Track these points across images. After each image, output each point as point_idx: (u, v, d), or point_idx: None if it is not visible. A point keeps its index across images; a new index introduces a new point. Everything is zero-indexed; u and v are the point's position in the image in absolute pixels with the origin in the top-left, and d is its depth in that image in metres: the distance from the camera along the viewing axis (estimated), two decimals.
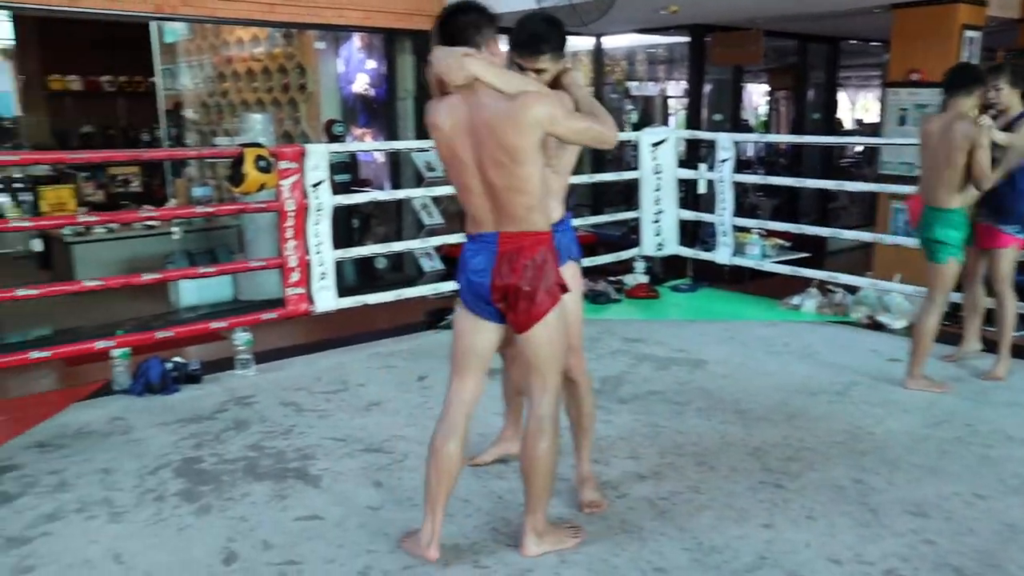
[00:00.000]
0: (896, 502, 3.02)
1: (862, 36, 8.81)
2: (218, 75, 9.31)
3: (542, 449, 2.55)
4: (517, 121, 2.34)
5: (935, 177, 4.03)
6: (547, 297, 2.50)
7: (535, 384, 2.59)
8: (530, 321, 2.51)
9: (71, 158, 4.89)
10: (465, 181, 2.47)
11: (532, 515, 2.64)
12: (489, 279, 2.47)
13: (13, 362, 3.99)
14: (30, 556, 2.67)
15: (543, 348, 2.54)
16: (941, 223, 4.02)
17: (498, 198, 2.44)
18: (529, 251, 2.46)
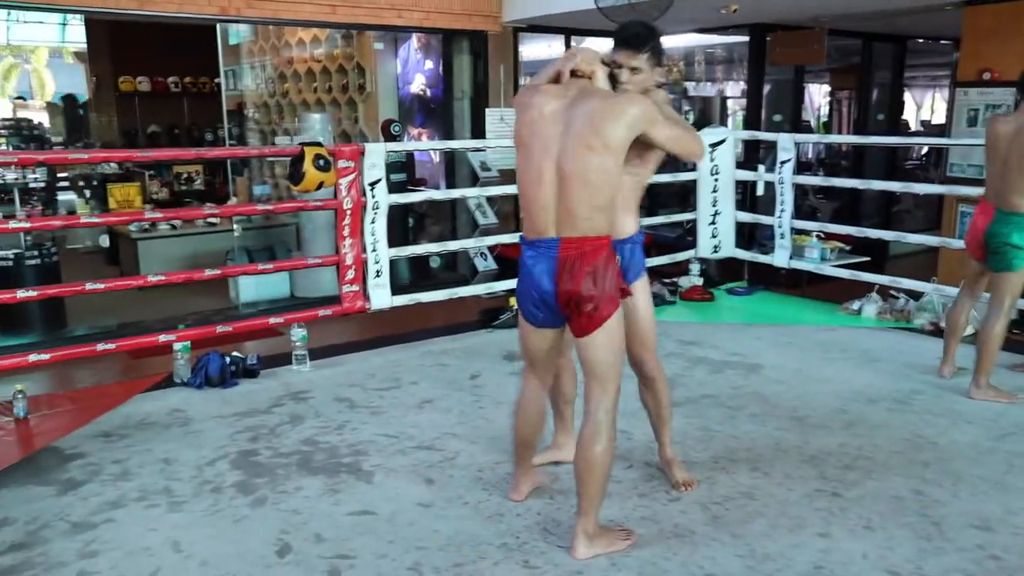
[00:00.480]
0: (960, 515, 2.92)
1: (930, 35, 8.56)
2: (279, 75, 9.50)
3: (597, 452, 2.56)
4: (618, 112, 2.45)
5: (1007, 180, 3.89)
6: (609, 303, 2.53)
7: (593, 388, 2.61)
8: (592, 326, 2.54)
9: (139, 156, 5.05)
10: (539, 167, 2.50)
11: (584, 517, 2.64)
12: (553, 287, 2.52)
13: (81, 353, 4.13)
14: (94, 541, 2.76)
15: (602, 352, 2.57)
16: (1015, 227, 3.87)
17: (566, 190, 2.46)
18: (591, 257, 2.49)
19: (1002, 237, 3.91)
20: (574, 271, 2.48)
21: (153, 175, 9.23)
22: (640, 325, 2.97)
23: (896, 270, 6.39)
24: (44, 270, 5.74)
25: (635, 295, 2.89)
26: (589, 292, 2.49)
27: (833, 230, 6.14)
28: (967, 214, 6.15)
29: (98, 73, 10.57)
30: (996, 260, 3.98)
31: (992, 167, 4.00)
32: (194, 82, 10.74)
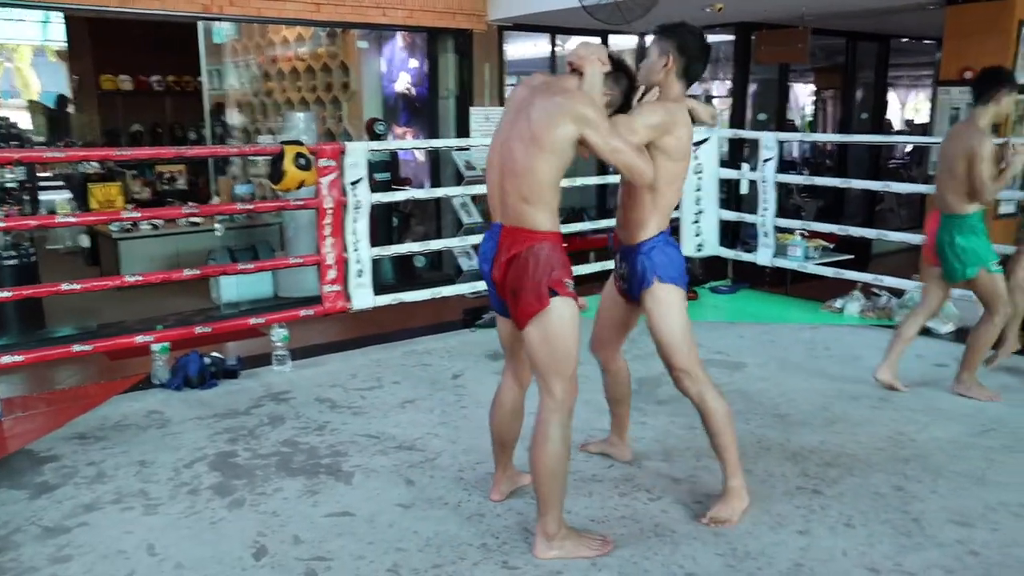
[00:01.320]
0: (939, 511, 2.92)
1: (913, 34, 8.60)
2: (263, 74, 9.44)
3: (545, 454, 2.54)
4: (561, 109, 2.43)
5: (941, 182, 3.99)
6: (533, 299, 2.49)
7: (540, 387, 2.61)
8: (521, 318, 2.54)
9: (117, 155, 4.97)
10: (491, 158, 2.60)
11: (542, 518, 2.62)
12: (490, 268, 2.59)
13: (57, 355, 4.08)
14: (67, 546, 2.72)
15: (535, 350, 2.55)
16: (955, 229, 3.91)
17: (505, 182, 2.51)
18: (517, 247, 2.50)
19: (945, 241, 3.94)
20: (504, 257, 2.52)
21: (135, 175, 9.13)
22: (658, 339, 2.84)
23: (879, 268, 6.42)
24: (22, 270, 5.66)
25: (649, 305, 2.82)
26: (512, 282, 2.50)
27: (816, 228, 6.15)
28: None
29: (79, 72, 10.46)
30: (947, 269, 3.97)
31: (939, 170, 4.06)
32: (177, 81, 10.64)
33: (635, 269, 2.85)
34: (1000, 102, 3.83)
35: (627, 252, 2.89)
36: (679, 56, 2.72)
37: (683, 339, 2.82)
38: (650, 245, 2.81)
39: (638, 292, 2.86)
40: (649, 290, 2.81)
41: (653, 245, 2.81)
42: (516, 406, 2.86)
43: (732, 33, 7.58)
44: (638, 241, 2.83)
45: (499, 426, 2.89)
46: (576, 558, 2.61)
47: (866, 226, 8.26)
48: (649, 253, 2.81)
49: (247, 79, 9.73)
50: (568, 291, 2.54)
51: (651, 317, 2.84)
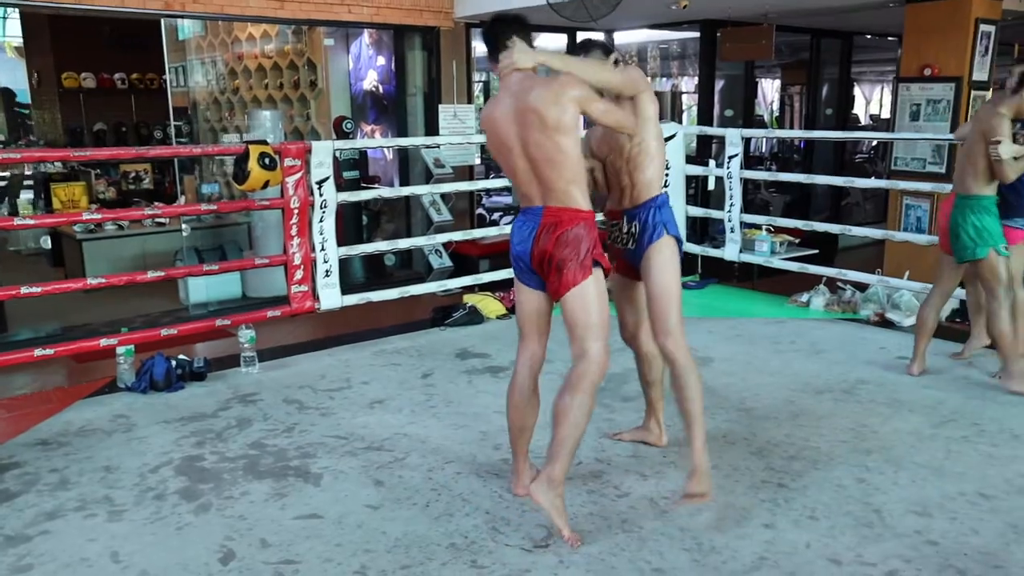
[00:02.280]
0: (899, 502, 2.98)
1: (876, 31, 8.72)
2: (229, 72, 9.34)
3: (565, 402, 2.70)
4: (558, 97, 2.64)
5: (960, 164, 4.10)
6: (579, 269, 2.70)
7: (573, 347, 2.76)
8: (561, 288, 2.72)
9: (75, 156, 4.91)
10: (513, 164, 2.77)
11: (552, 463, 2.70)
12: (530, 246, 2.75)
13: (18, 360, 4.02)
14: (28, 555, 2.68)
15: (576, 315, 2.73)
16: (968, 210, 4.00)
17: (541, 174, 2.71)
18: (567, 224, 2.70)
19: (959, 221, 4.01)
20: (551, 234, 2.71)
21: (100, 174, 9.02)
22: (650, 291, 2.99)
23: (845, 262, 6.50)
24: None
25: (654, 258, 2.97)
26: (560, 255, 2.69)
27: (782, 224, 6.23)
28: (911, 207, 6.30)
29: (39, 69, 10.27)
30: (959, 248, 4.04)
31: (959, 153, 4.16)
32: (142, 79, 10.49)
33: (647, 223, 3.01)
34: None
35: (635, 211, 3.04)
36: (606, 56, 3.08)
37: (678, 295, 2.99)
38: (662, 200, 3.03)
39: (647, 246, 3.00)
40: (658, 243, 2.98)
41: (664, 201, 3.04)
42: (535, 388, 2.94)
43: (698, 30, 7.63)
44: (650, 197, 3.02)
45: (520, 411, 2.93)
46: (551, 523, 2.72)
47: (833, 220, 8.41)
48: (661, 208, 3.01)
49: (213, 76, 9.61)
50: (607, 262, 2.81)
51: (654, 270, 2.98)
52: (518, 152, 2.73)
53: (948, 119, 5.96)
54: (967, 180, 4.01)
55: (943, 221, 4.14)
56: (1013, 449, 3.42)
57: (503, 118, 2.74)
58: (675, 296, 2.96)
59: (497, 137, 2.78)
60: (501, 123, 2.75)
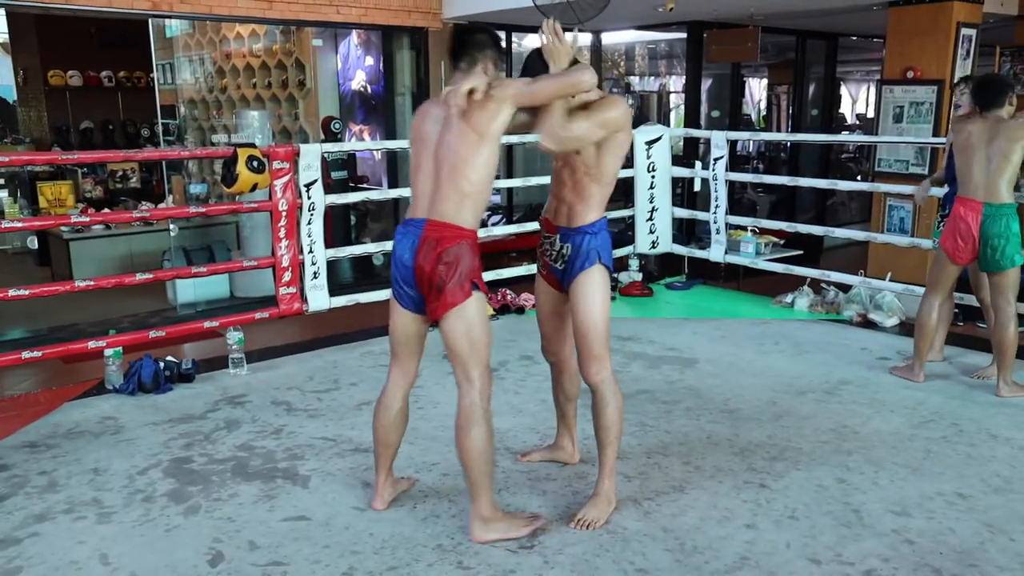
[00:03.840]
0: (879, 502, 3.04)
1: (861, 32, 8.80)
2: (217, 71, 9.32)
3: (471, 439, 2.68)
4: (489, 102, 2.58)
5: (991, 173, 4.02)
6: (459, 289, 2.63)
7: (458, 374, 2.73)
8: (439, 308, 2.66)
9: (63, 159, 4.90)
10: (420, 160, 2.71)
11: (475, 502, 2.74)
12: (412, 262, 2.66)
13: (6, 362, 4.02)
14: (17, 557, 2.70)
15: (456, 339, 2.68)
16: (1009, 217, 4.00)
17: (441, 179, 2.63)
18: (448, 241, 2.62)
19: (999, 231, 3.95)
20: (431, 251, 2.62)
21: (86, 173, 8.99)
22: (576, 320, 2.89)
23: (830, 263, 6.57)
24: None
25: (584, 286, 2.88)
26: (439, 275, 2.62)
27: (767, 225, 6.29)
28: (895, 208, 6.37)
29: (24, 66, 10.22)
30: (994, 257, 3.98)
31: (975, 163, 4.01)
32: (129, 76, 10.46)
33: (580, 250, 2.89)
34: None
35: (570, 234, 2.91)
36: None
37: (606, 325, 2.89)
38: (599, 226, 2.91)
39: (576, 273, 2.89)
40: (588, 271, 2.87)
41: (601, 227, 2.92)
42: (404, 406, 2.93)
43: (684, 32, 7.69)
44: (587, 223, 2.89)
45: (386, 428, 2.91)
46: (512, 538, 2.74)
47: (819, 220, 8.48)
48: (597, 235, 2.89)
49: (200, 75, 9.59)
50: (484, 286, 2.74)
51: (581, 300, 2.87)
52: (430, 150, 2.67)
53: (931, 121, 6.04)
54: (1001, 190, 3.95)
55: (971, 230, 4.00)
56: (991, 449, 3.49)
57: (433, 111, 2.70)
58: (601, 327, 2.86)
59: (418, 130, 2.72)
60: (429, 116, 2.70)
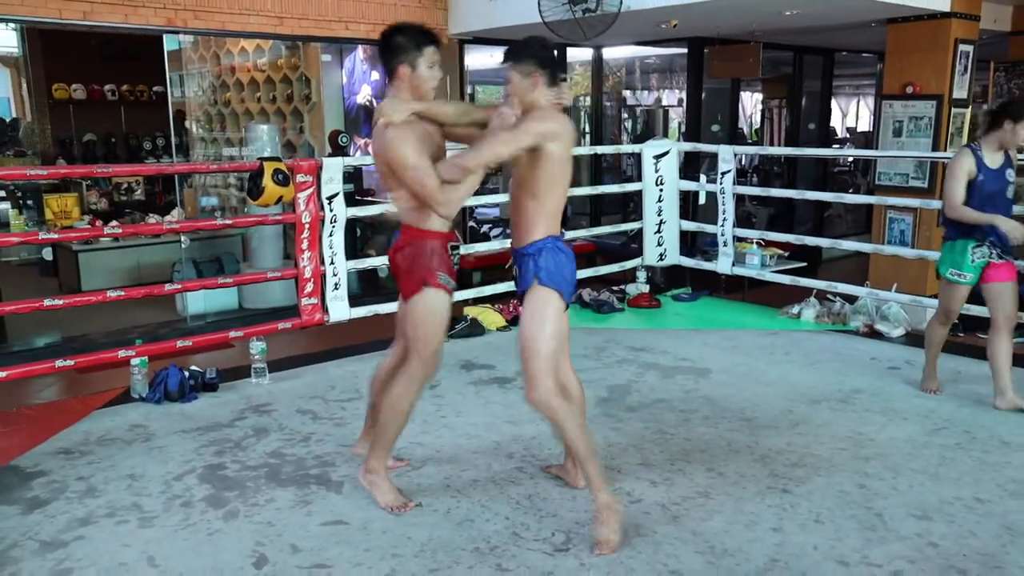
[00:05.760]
0: (900, 506, 3.13)
1: (857, 48, 8.98)
2: (221, 84, 9.39)
3: (390, 395, 3.03)
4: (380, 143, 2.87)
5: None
6: (410, 283, 2.97)
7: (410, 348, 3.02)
8: (404, 295, 3.02)
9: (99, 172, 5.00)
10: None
11: (371, 452, 3.13)
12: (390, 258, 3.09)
13: (40, 371, 4.08)
14: (67, 559, 2.76)
15: (405, 324, 3.06)
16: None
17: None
18: (407, 241, 2.98)
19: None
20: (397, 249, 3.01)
21: (91, 185, 9.01)
22: (521, 340, 2.88)
23: (829, 274, 6.69)
24: None
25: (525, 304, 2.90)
26: (399, 267, 3.00)
27: (773, 238, 6.40)
28: (895, 220, 6.50)
29: (31, 80, 10.25)
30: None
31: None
32: (131, 90, 10.52)
33: (522, 269, 2.92)
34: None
35: (517, 253, 2.97)
36: (542, 70, 2.85)
37: (544, 347, 2.83)
38: (537, 247, 2.88)
39: (522, 291, 2.93)
40: (529, 291, 2.88)
41: (540, 248, 2.88)
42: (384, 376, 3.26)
43: (685, 47, 7.82)
44: (529, 241, 2.90)
45: (374, 389, 3.33)
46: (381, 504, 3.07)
47: (816, 230, 8.62)
48: (536, 255, 2.88)
49: (205, 89, 9.66)
50: (438, 283, 2.95)
51: (522, 319, 2.91)
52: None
53: (930, 135, 6.18)
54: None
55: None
56: (1004, 455, 3.59)
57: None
58: (537, 348, 2.82)
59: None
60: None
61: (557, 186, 2.88)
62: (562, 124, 2.86)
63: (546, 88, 2.87)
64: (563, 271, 2.89)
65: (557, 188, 2.89)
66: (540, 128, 2.80)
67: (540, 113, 2.86)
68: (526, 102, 2.88)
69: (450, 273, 3.00)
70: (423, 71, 2.90)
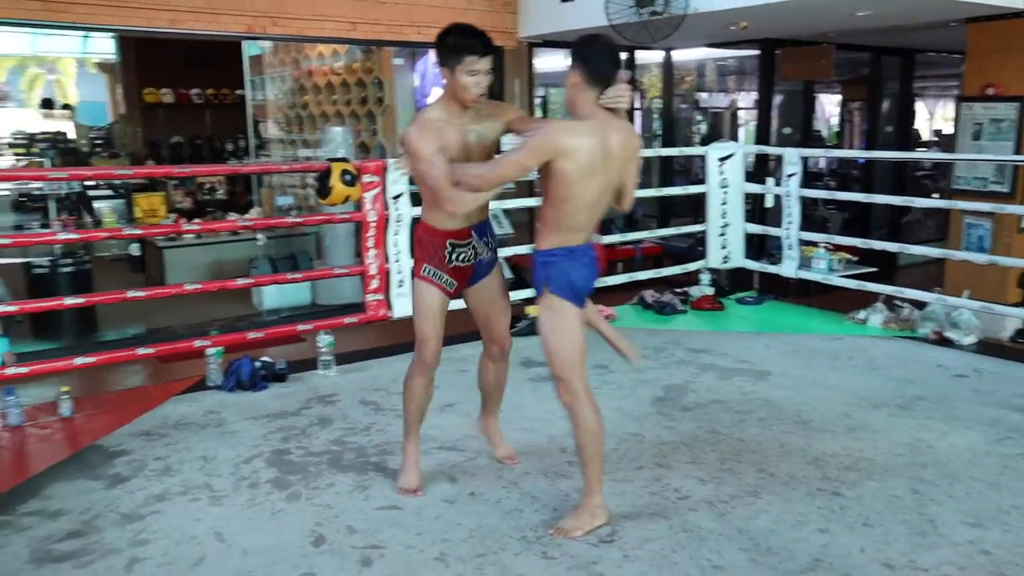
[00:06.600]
0: (954, 513, 3.09)
1: (938, 48, 8.72)
2: (299, 88, 9.75)
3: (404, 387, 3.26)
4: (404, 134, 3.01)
5: None
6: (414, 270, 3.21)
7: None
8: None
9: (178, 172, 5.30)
10: None
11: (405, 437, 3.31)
12: None
13: (123, 357, 4.38)
14: (144, 531, 2.98)
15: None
16: None
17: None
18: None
19: None
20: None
21: (177, 185, 9.49)
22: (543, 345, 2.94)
23: (905, 280, 6.55)
24: (78, 277, 5.98)
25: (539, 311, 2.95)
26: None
27: (840, 242, 6.30)
28: (973, 226, 6.32)
29: (124, 85, 10.86)
30: None
31: None
32: (216, 94, 11.01)
33: (534, 276, 2.96)
34: None
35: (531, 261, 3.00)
36: (581, 67, 2.76)
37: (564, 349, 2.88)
38: (544, 258, 2.88)
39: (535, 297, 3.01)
40: (540, 297, 2.92)
41: (547, 259, 2.87)
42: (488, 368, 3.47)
43: (756, 49, 7.75)
44: (538, 250, 2.92)
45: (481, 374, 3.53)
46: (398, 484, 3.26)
47: (892, 237, 8.38)
48: (543, 265, 2.89)
49: (283, 92, 10.04)
50: (420, 275, 3.15)
51: (539, 324, 2.95)
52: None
53: (1012, 138, 5.99)
54: None
55: None
56: None
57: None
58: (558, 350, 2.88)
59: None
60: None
61: (569, 201, 2.78)
62: (581, 137, 2.71)
63: (588, 89, 2.76)
64: (571, 280, 2.86)
65: (569, 203, 2.78)
66: (546, 145, 2.71)
67: (554, 125, 2.87)
68: (569, 101, 2.86)
69: (444, 269, 3.11)
70: (461, 79, 2.90)
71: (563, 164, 2.71)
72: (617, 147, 2.80)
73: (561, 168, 2.72)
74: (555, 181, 2.75)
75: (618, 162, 2.83)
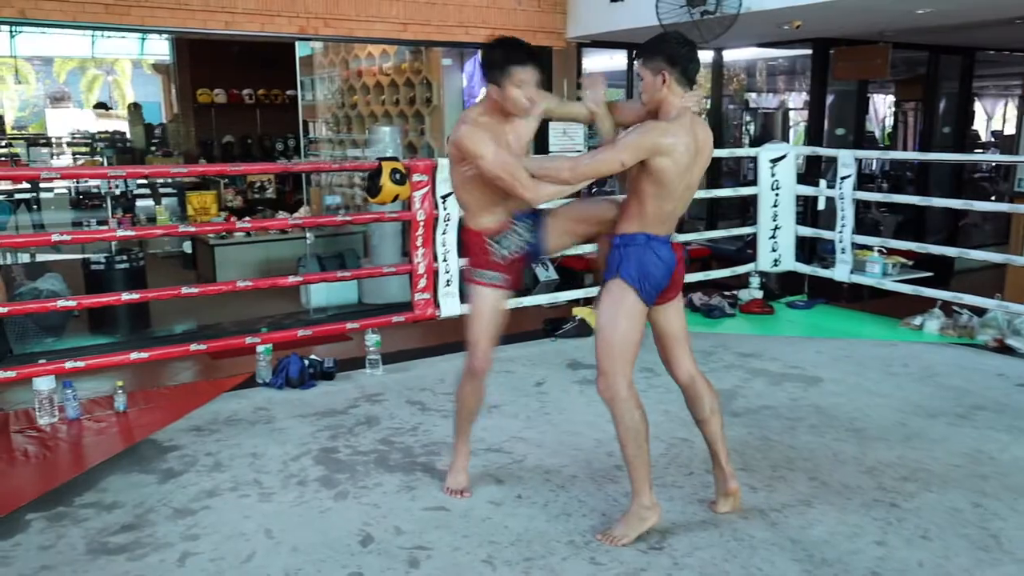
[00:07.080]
0: (1019, 529, 2.98)
1: (1001, 46, 8.46)
2: (348, 88, 9.83)
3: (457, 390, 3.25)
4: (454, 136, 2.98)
5: None
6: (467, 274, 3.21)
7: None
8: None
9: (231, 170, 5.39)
10: None
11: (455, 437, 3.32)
12: None
13: (176, 353, 4.46)
14: (195, 526, 3.02)
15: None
16: None
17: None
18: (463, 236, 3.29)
19: None
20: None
21: (228, 183, 9.64)
22: (596, 333, 2.87)
23: (962, 286, 6.35)
24: (132, 273, 6.10)
25: (602, 296, 2.90)
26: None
27: (894, 245, 6.14)
28: None
29: (178, 86, 11.08)
30: None
31: None
32: (267, 94, 11.18)
33: (608, 260, 2.90)
34: None
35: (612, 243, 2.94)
36: (671, 68, 2.77)
37: (618, 340, 2.81)
38: (626, 240, 2.86)
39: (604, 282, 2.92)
40: (608, 281, 2.87)
41: (629, 241, 2.86)
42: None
43: (809, 48, 7.60)
44: (618, 233, 2.90)
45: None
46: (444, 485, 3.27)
47: (949, 241, 8.16)
48: (621, 247, 2.86)
49: (332, 92, 10.14)
50: (471, 279, 3.13)
51: (599, 307, 2.90)
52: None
53: None
54: None
55: None
56: None
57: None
58: (609, 340, 2.81)
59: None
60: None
61: (661, 199, 2.80)
62: (678, 135, 2.73)
63: (678, 88, 2.78)
64: (646, 269, 2.81)
65: (661, 201, 2.80)
66: (645, 143, 2.72)
67: (652, 124, 2.77)
68: (654, 101, 2.82)
69: (492, 267, 3.07)
70: (509, 91, 2.89)
71: (661, 162, 2.75)
72: (704, 145, 2.87)
73: (659, 166, 2.75)
74: (650, 178, 2.79)
75: (703, 159, 2.89)
